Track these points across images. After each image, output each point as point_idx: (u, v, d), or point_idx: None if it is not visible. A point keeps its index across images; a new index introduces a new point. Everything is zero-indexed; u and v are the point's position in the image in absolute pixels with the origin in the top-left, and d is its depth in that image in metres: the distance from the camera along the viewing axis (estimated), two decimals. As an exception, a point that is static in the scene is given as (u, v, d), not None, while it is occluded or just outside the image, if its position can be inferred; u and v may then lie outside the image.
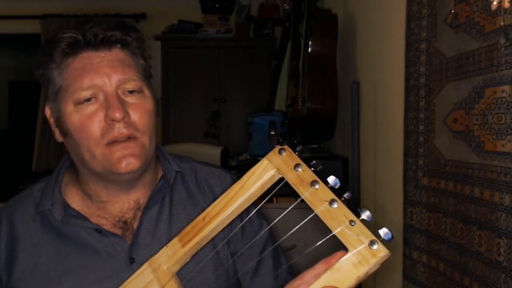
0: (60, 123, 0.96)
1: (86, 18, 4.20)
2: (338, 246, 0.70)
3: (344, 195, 0.71)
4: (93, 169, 0.94)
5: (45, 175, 1.04)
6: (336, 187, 0.72)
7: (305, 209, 0.73)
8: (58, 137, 0.99)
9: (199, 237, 0.78)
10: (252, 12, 4.28)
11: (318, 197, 0.71)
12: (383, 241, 0.67)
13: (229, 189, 0.78)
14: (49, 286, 0.93)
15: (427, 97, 1.48)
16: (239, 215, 0.79)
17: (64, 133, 0.96)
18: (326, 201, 0.70)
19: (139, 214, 0.99)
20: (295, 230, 0.77)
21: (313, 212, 0.71)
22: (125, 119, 0.91)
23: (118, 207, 0.99)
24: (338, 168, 2.27)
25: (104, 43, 0.95)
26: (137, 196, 1.00)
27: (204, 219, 0.78)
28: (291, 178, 0.74)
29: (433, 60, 1.43)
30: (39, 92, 3.96)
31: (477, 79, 1.19)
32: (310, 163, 0.75)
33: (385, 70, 1.93)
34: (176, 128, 4.23)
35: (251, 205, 0.79)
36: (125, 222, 0.98)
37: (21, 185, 3.21)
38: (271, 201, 2.18)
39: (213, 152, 2.75)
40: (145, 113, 0.94)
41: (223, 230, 0.80)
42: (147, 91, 0.97)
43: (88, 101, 0.92)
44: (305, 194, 0.72)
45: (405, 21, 1.60)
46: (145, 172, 0.99)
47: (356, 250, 0.67)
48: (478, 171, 1.19)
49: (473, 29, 1.21)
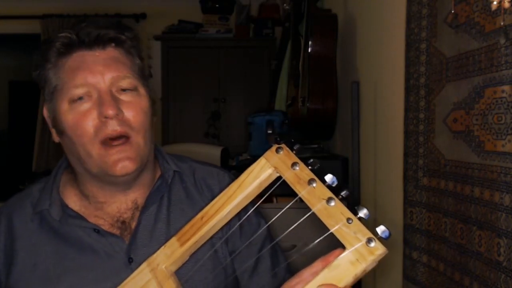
0: (55, 122, 0.96)
1: (83, 18, 4.19)
2: (337, 245, 0.70)
3: (342, 193, 0.71)
4: (89, 169, 0.94)
5: (45, 175, 1.04)
6: (333, 185, 0.72)
7: (304, 209, 0.73)
8: (55, 137, 0.99)
9: (197, 236, 0.78)
10: (252, 12, 4.28)
11: (316, 195, 0.71)
12: (380, 239, 0.67)
13: (227, 188, 0.78)
14: (47, 286, 0.93)
15: (427, 97, 1.48)
16: (237, 214, 0.79)
17: (60, 132, 0.96)
18: (323, 199, 0.70)
19: (137, 214, 0.99)
20: (294, 230, 0.77)
21: (311, 210, 0.71)
22: (119, 117, 0.91)
23: (115, 207, 0.99)
24: (338, 168, 2.27)
25: (98, 42, 0.95)
26: (134, 196, 1.00)
27: (202, 218, 0.78)
28: (288, 176, 0.74)
29: (433, 60, 1.43)
30: (39, 92, 3.90)
31: (477, 79, 1.19)
32: (307, 161, 0.74)
33: (385, 70, 1.93)
34: (176, 128, 4.22)
35: (249, 203, 0.79)
36: (123, 222, 0.98)
37: (21, 185, 3.21)
38: (271, 201, 2.19)
39: (213, 152, 2.74)
40: (139, 111, 0.94)
41: (221, 229, 0.80)
42: (142, 90, 0.97)
43: (82, 99, 0.92)
44: (303, 192, 0.72)
45: (405, 21, 1.60)
46: (142, 172, 0.98)
47: (353, 248, 0.67)
48: (478, 171, 1.19)
49: (473, 29, 1.20)
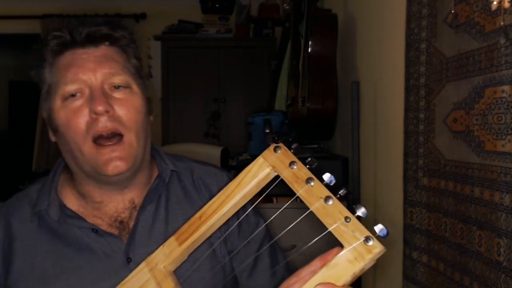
0: (50, 120, 0.96)
1: (80, 18, 4.19)
2: (336, 244, 0.69)
3: (340, 192, 0.71)
4: (82, 167, 0.94)
5: (45, 175, 1.04)
6: (331, 184, 0.72)
7: (304, 208, 0.73)
8: (51, 136, 0.99)
9: (195, 236, 0.78)
10: (252, 12, 4.28)
11: (314, 194, 0.71)
12: (378, 238, 0.67)
13: (225, 187, 0.78)
14: (46, 286, 0.93)
15: (427, 97, 1.48)
16: (236, 213, 0.79)
17: (54, 130, 0.96)
18: (321, 198, 0.70)
19: (135, 213, 0.98)
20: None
21: (305, 205, 0.71)
22: (110, 113, 0.91)
23: (113, 207, 0.98)
24: (338, 168, 2.27)
25: (90, 40, 0.95)
26: (131, 195, 0.99)
27: (201, 217, 0.78)
28: (286, 175, 0.74)
29: (433, 60, 1.43)
30: (39, 92, 3.92)
31: (477, 79, 1.19)
32: (305, 160, 0.74)
33: (385, 70, 1.93)
34: (176, 128, 4.22)
35: (247, 203, 0.79)
36: (121, 222, 0.98)
37: (21, 185, 3.21)
38: (271, 201, 2.19)
39: (213, 152, 2.74)
40: (132, 109, 0.94)
41: (219, 228, 0.80)
42: (136, 88, 0.97)
43: (74, 96, 0.92)
44: (301, 191, 0.72)
45: (405, 21, 1.60)
46: (138, 172, 0.98)
47: (351, 247, 0.67)
48: (478, 171, 1.19)
49: (473, 29, 1.20)
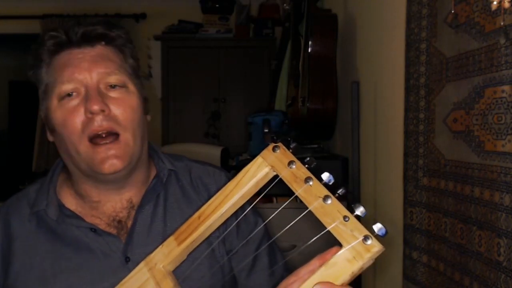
0: (47, 120, 0.96)
1: (77, 18, 4.19)
2: (335, 243, 0.69)
3: (338, 191, 0.71)
4: (79, 166, 0.94)
5: (45, 175, 1.04)
6: (330, 183, 0.72)
7: (304, 209, 0.73)
8: (49, 136, 0.99)
9: (194, 236, 0.77)
10: (252, 12, 4.28)
11: (312, 193, 0.71)
12: (377, 237, 0.67)
13: (224, 187, 0.78)
14: (45, 286, 0.93)
15: (427, 97, 1.48)
16: (234, 213, 0.79)
17: (51, 130, 0.96)
18: (320, 197, 0.70)
19: (133, 213, 0.99)
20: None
21: (305, 205, 0.71)
22: (105, 112, 0.91)
23: (110, 206, 0.99)
24: (338, 168, 2.27)
25: (86, 40, 0.95)
26: (129, 195, 1.00)
27: (200, 217, 0.78)
28: (285, 175, 0.74)
29: (433, 60, 1.43)
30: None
31: (477, 79, 1.19)
32: (304, 160, 0.74)
33: (385, 70, 1.93)
34: (176, 128, 4.22)
35: (246, 202, 0.79)
36: (119, 222, 0.98)
37: (21, 185, 3.21)
38: (271, 201, 2.18)
39: (213, 152, 2.74)
40: (127, 108, 0.94)
41: (218, 228, 0.80)
42: (132, 87, 0.97)
43: (71, 96, 0.92)
44: (299, 191, 0.72)
45: (405, 21, 1.60)
46: (135, 171, 0.98)
47: (350, 246, 0.67)
48: (478, 171, 1.19)
49: (473, 29, 1.20)
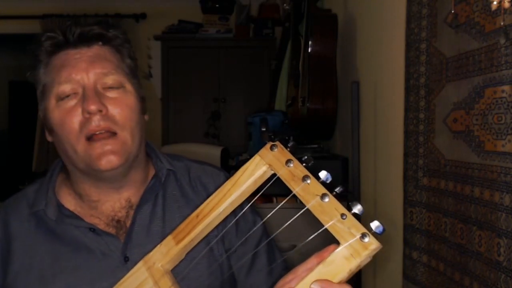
0: (46, 120, 0.97)
1: (75, 18, 4.19)
2: (334, 241, 0.69)
3: (336, 190, 0.71)
4: (76, 165, 0.94)
5: (45, 175, 1.04)
6: (327, 182, 0.72)
7: (303, 208, 0.73)
8: (48, 136, 0.99)
9: (193, 235, 0.78)
10: (252, 12, 4.28)
11: (310, 191, 0.71)
12: (374, 234, 0.67)
13: (222, 186, 0.78)
14: (44, 286, 0.93)
15: (427, 97, 1.48)
16: (233, 212, 0.79)
17: (50, 130, 0.96)
18: (317, 195, 0.70)
19: (132, 212, 0.99)
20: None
21: (305, 206, 0.71)
22: (103, 112, 0.91)
23: (109, 206, 0.99)
24: (338, 168, 2.27)
25: (83, 40, 0.95)
26: (128, 194, 1.00)
27: (198, 216, 0.78)
28: (283, 174, 0.74)
29: (433, 60, 1.43)
30: (39, 92, 3.96)
31: (477, 79, 1.19)
32: (301, 158, 0.74)
33: (385, 70, 1.93)
34: (176, 128, 4.22)
35: (245, 201, 0.79)
36: (118, 221, 0.98)
37: (21, 185, 3.21)
38: (271, 201, 2.18)
39: (213, 152, 2.74)
40: (125, 108, 0.94)
41: (217, 227, 0.80)
42: (129, 87, 0.97)
43: (68, 96, 0.93)
44: (297, 189, 0.72)
45: (405, 21, 1.60)
46: (132, 170, 0.98)
47: (347, 243, 0.67)
48: (478, 171, 1.19)
49: (473, 29, 1.20)
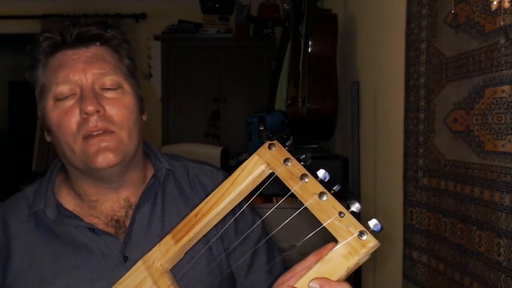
0: (44, 121, 0.97)
1: (74, 18, 4.19)
2: (332, 240, 0.69)
3: (334, 188, 0.71)
4: (74, 165, 0.94)
5: (44, 175, 1.04)
6: (325, 180, 0.72)
7: (303, 208, 0.73)
8: (46, 136, 1.00)
9: (192, 234, 0.78)
10: (252, 12, 4.28)
11: (308, 190, 0.71)
12: (372, 232, 0.67)
13: (220, 185, 0.78)
14: (43, 286, 0.93)
15: (427, 97, 1.48)
16: (232, 211, 0.79)
17: (48, 130, 0.97)
18: (315, 194, 0.70)
19: (131, 212, 0.99)
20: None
21: (303, 205, 0.71)
22: (100, 113, 0.91)
23: (108, 205, 0.99)
24: (338, 168, 2.27)
25: (81, 41, 0.95)
26: (126, 194, 1.00)
27: (197, 215, 0.78)
28: (281, 172, 0.74)
29: (433, 60, 1.43)
30: (39, 92, 3.95)
31: (477, 79, 1.19)
32: (299, 157, 0.75)
33: (385, 70, 1.93)
34: (176, 128, 4.22)
35: (243, 200, 0.79)
36: (117, 221, 0.98)
37: (21, 185, 3.20)
38: (271, 201, 2.19)
39: (213, 152, 2.74)
40: (123, 108, 0.94)
41: (216, 226, 0.80)
42: (128, 87, 0.97)
43: (67, 97, 0.93)
44: (295, 187, 0.72)
45: (405, 21, 1.60)
46: (130, 170, 0.98)
47: (345, 241, 0.67)
48: (478, 171, 1.19)
49: (473, 29, 1.20)
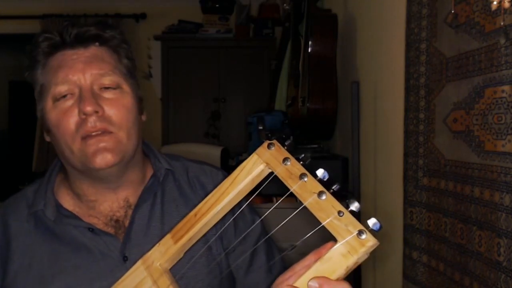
0: (43, 121, 0.97)
1: (76, 19, 4.19)
2: (331, 239, 0.69)
3: (333, 187, 0.71)
4: (73, 165, 0.94)
5: (44, 175, 1.04)
6: (324, 179, 0.72)
7: (303, 208, 0.73)
8: (46, 136, 1.00)
9: (191, 233, 0.78)
10: (252, 12, 4.28)
11: (307, 189, 0.71)
12: (371, 231, 0.67)
13: (220, 185, 0.78)
14: (43, 286, 0.93)
15: (427, 97, 1.48)
16: (231, 211, 0.79)
17: (48, 130, 0.97)
18: (314, 193, 0.70)
19: (130, 212, 0.99)
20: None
21: (302, 204, 0.71)
22: (99, 113, 0.91)
23: (107, 205, 0.99)
24: (338, 168, 2.27)
25: (80, 41, 0.95)
26: (125, 194, 1.00)
27: (196, 215, 0.78)
28: (280, 172, 0.74)
29: (433, 60, 1.43)
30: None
31: (477, 79, 1.19)
32: (299, 156, 0.75)
33: (385, 70, 1.93)
34: (176, 128, 4.22)
35: (242, 200, 0.79)
36: (117, 221, 0.98)
37: (21, 185, 3.20)
38: (271, 201, 2.18)
39: (213, 152, 2.74)
40: (121, 108, 0.94)
41: (215, 226, 0.80)
42: (127, 87, 0.97)
43: (65, 97, 0.93)
44: (294, 187, 0.72)
45: (405, 21, 1.60)
46: (128, 170, 0.98)
47: (344, 240, 0.67)
48: (478, 171, 1.19)
49: (473, 29, 1.20)
